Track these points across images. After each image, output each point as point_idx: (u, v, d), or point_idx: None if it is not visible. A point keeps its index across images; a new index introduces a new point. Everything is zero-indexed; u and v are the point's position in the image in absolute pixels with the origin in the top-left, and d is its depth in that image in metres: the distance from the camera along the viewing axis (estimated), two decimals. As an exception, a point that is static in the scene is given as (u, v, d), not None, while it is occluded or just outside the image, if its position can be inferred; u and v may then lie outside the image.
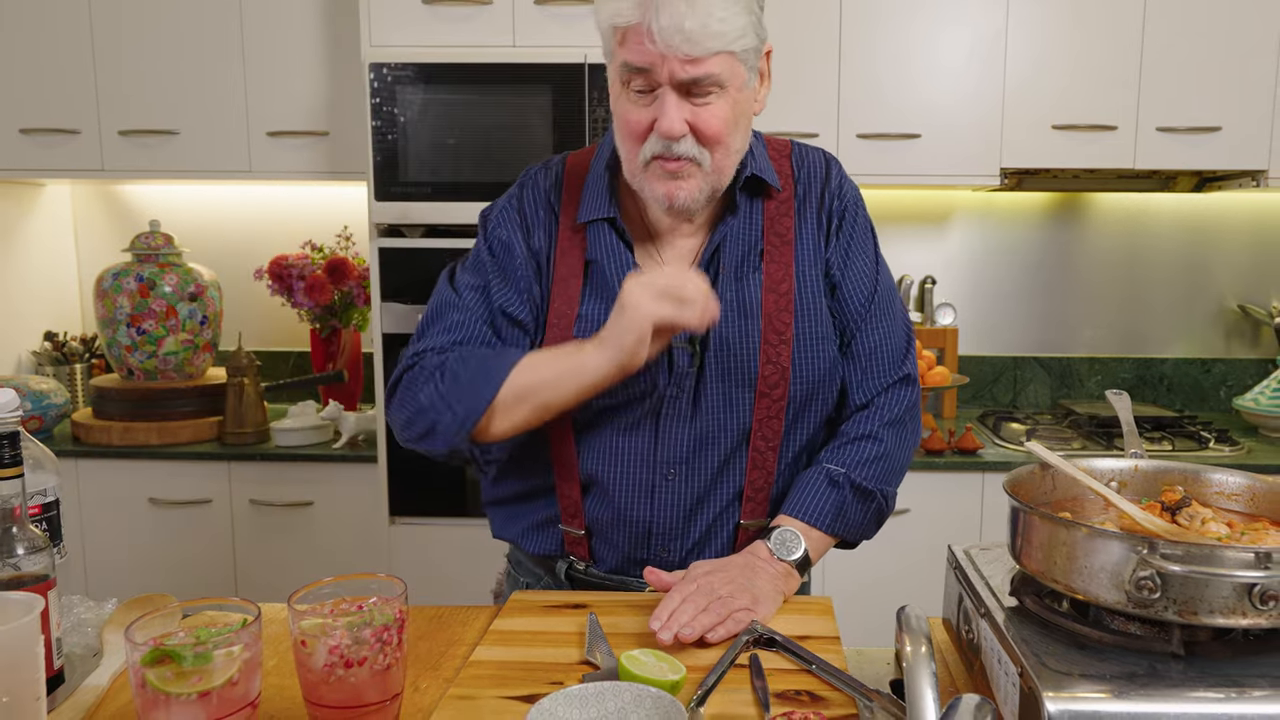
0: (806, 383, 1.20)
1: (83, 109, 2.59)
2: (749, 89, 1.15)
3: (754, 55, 1.14)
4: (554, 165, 1.29)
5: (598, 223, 1.22)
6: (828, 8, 2.48)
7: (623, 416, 1.21)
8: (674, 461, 1.21)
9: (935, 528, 2.36)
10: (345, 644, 0.81)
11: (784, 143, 1.30)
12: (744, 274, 1.21)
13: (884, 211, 2.91)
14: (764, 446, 1.21)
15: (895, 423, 1.25)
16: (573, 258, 1.23)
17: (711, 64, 1.08)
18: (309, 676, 0.83)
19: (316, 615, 0.85)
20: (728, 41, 1.07)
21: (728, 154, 1.15)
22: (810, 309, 1.22)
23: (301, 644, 0.82)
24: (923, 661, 0.73)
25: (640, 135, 1.13)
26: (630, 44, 1.09)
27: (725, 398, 1.19)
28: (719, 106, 1.11)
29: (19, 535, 0.90)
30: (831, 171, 1.28)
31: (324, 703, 0.83)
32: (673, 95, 1.09)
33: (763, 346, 1.19)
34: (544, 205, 1.26)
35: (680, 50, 1.06)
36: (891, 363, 1.26)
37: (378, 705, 0.84)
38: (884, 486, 1.24)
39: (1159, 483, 1.04)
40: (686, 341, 1.19)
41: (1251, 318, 2.89)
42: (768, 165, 1.24)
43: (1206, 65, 2.46)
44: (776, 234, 1.23)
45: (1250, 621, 0.79)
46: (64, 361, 2.85)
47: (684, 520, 1.22)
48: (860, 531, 1.24)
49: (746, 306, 1.20)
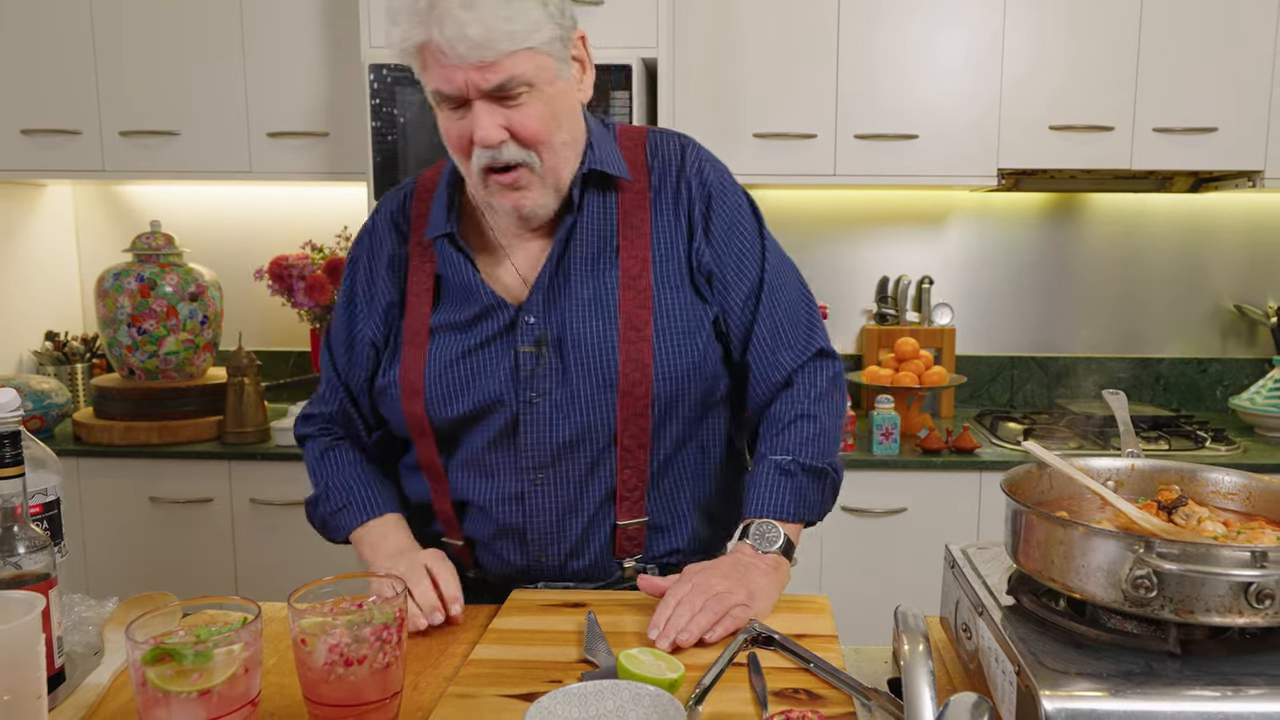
0: (669, 379, 1.18)
1: (84, 110, 2.60)
2: (563, 80, 1.12)
3: (559, 44, 1.10)
4: (405, 186, 1.30)
5: (440, 239, 1.21)
6: (825, 9, 2.49)
7: (483, 426, 1.20)
8: (540, 467, 1.19)
9: (932, 527, 2.37)
10: (345, 642, 0.82)
11: (639, 130, 1.26)
12: (600, 270, 1.19)
13: (881, 212, 2.92)
14: (633, 445, 1.19)
15: (823, 397, 1.24)
16: (423, 274, 1.23)
17: (509, 65, 1.05)
18: (309, 675, 0.83)
19: (316, 614, 0.85)
20: (520, 39, 1.04)
21: (554, 151, 1.12)
22: (670, 303, 1.19)
23: (301, 642, 0.83)
24: (920, 660, 0.73)
25: (465, 150, 1.11)
26: (430, 66, 1.07)
27: (587, 399, 1.17)
28: (532, 106, 1.08)
29: (20, 534, 0.91)
30: (687, 158, 1.23)
31: (324, 701, 0.83)
32: (483, 104, 1.07)
33: (621, 344, 1.16)
34: (390, 229, 1.27)
35: (472, 57, 1.03)
36: (796, 337, 1.25)
37: (377, 703, 0.84)
38: (830, 461, 1.23)
39: (1155, 482, 1.03)
40: (533, 344, 1.18)
41: (1248, 318, 2.90)
42: (613, 155, 1.21)
43: (1202, 66, 2.47)
44: (631, 226, 1.20)
45: (1246, 620, 0.79)
46: (65, 361, 2.85)
47: (557, 525, 1.21)
48: (820, 510, 1.23)
49: (603, 304, 1.18)
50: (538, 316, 1.18)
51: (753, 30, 2.50)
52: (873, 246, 2.93)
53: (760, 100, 2.53)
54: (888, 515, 2.37)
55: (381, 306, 1.26)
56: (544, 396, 1.17)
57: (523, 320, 1.18)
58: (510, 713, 0.89)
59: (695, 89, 2.54)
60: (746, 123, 2.53)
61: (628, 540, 1.23)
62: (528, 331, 1.18)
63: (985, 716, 0.70)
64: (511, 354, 1.18)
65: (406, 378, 1.21)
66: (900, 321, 2.85)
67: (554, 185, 1.15)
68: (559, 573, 1.24)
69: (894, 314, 2.87)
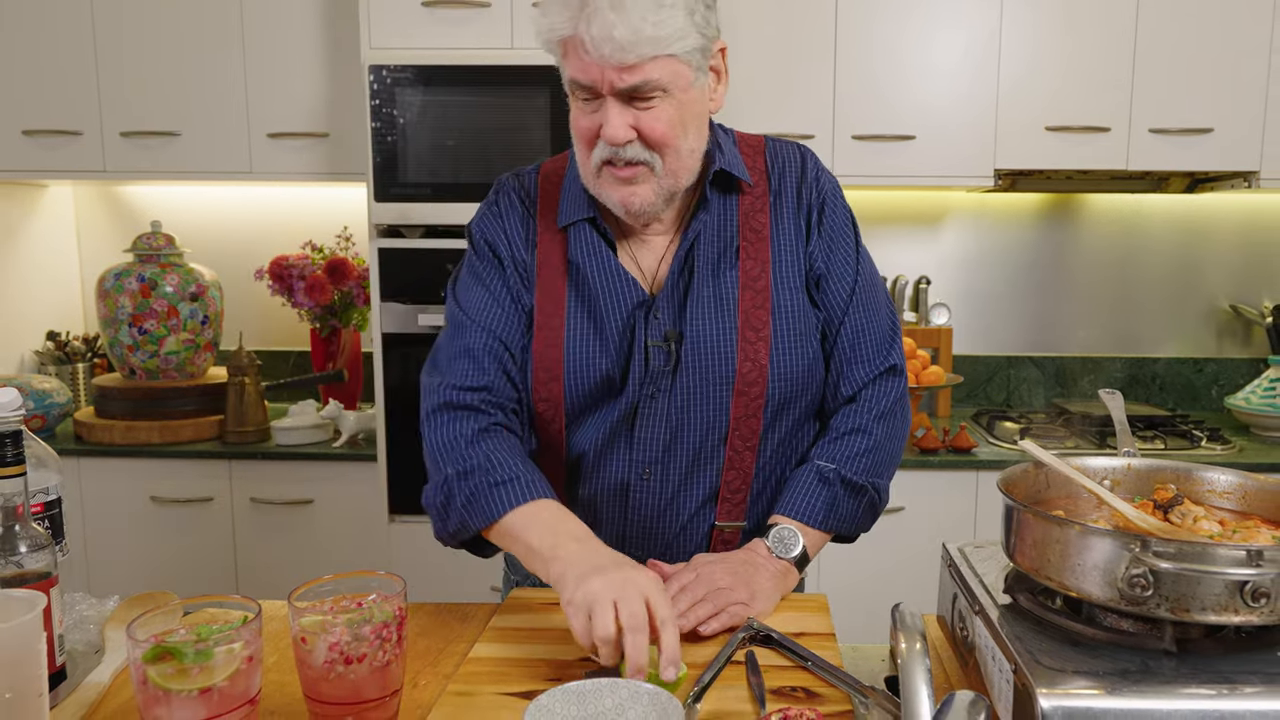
0: (784, 380, 1.19)
1: (85, 111, 2.60)
2: (697, 88, 1.13)
3: (699, 55, 1.11)
4: (527, 174, 1.30)
5: (578, 224, 1.22)
6: (823, 10, 2.50)
7: (601, 415, 1.21)
8: (649, 461, 1.20)
9: (930, 525, 2.38)
10: (345, 641, 0.82)
11: (758, 139, 1.29)
12: (720, 270, 1.20)
13: (879, 212, 2.93)
14: (741, 446, 1.20)
15: (885, 415, 1.24)
16: (555, 260, 1.23)
17: (648, 70, 1.07)
18: (309, 673, 0.84)
19: (316, 612, 0.85)
20: (663, 45, 1.06)
21: (678, 156, 1.14)
22: (788, 306, 1.21)
23: (301, 641, 0.83)
24: (917, 658, 0.73)
25: (590, 141, 1.13)
26: (570, 56, 1.09)
27: (703, 396, 1.19)
28: (663, 110, 1.10)
29: (22, 533, 0.91)
30: (807, 165, 1.26)
31: (324, 699, 0.84)
32: (615, 102, 1.09)
33: (740, 344, 1.18)
34: (520, 211, 1.27)
35: (614, 59, 1.05)
36: (876, 353, 1.26)
37: (377, 701, 0.85)
38: (875, 480, 1.23)
39: (1152, 481, 1.04)
40: (662, 340, 1.19)
41: (1243, 318, 2.91)
42: (738, 160, 1.23)
43: (1198, 67, 2.48)
44: (752, 229, 1.22)
45: (1242, 619, 0.79)
46: (66, 361, 2.86)
47: (658, 519, 1.22)
48: (855, 525, 1.24)
49: (723, 303, 1.19)
50: (665, 312, 1.20)
51: (750, 31, 2.51)
52: (870, 247, 2.89)
53: (758, 101, 2.53)
54: (885, 514, 2.35)
55: (521, 275, 1.24)
56: (662, 392, 1.19)
57: (652, 315, 1.20)
58: (510, 710, 0.89)
59: (693, 90, 2.55)
60: (744, 123, 2.50)
61: (723, 544, 1.23)
62: (657, 326, 1.19)
63: (982, 714, 0.70)
64: (641, 346, 1.19)
65: (541, 361, 1.21)
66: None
67: (669, 188, 1.16)
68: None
69: (891, 314, 2.88)
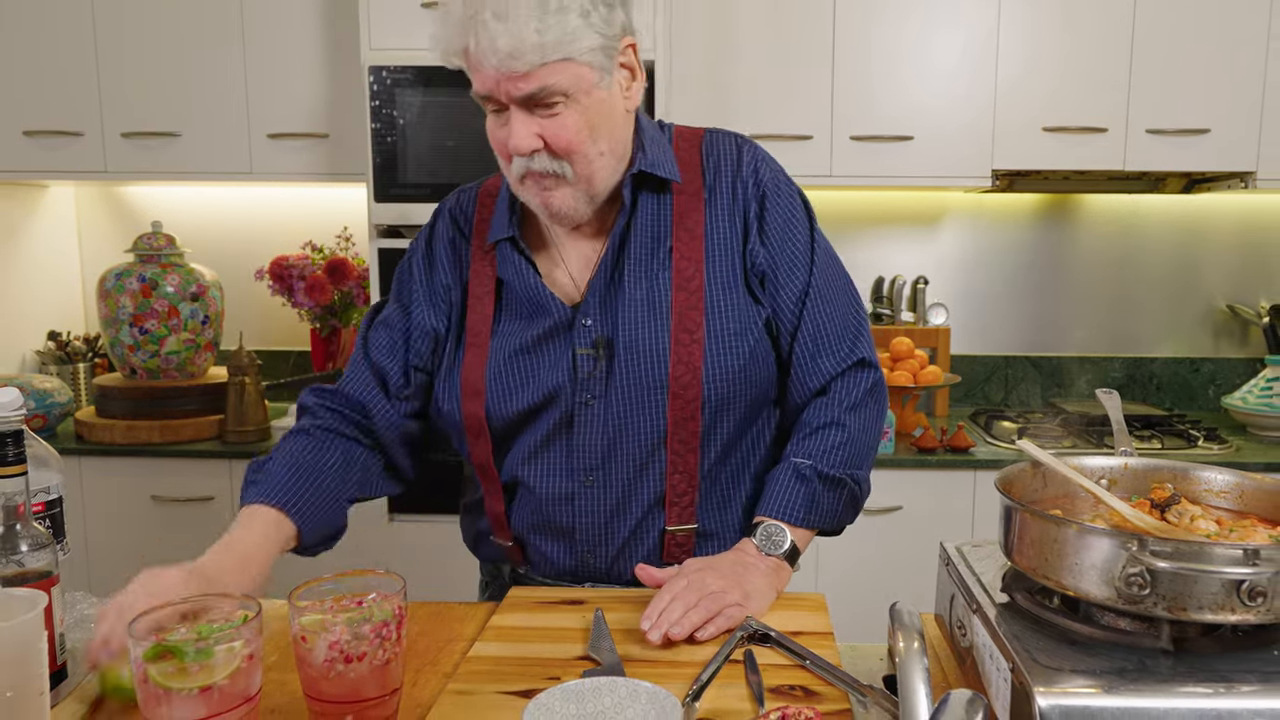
0: (720, 382, 1.17)
1: (86, 112, 2.61)
2: (603, 89, 1.10)
3: (602, 54, 1.08)
4: (469, 190, 1.31)
5: (502, 242, 1.22)
6: (821, 12, 2.51)
7: (536, 425, 1.20)
8: (590, 468, 1.19)
9: (927, 525, 2.39)
10: (345, 640, 0.82)
11: (695, 133, 1.25)
12: (653, 271, 1.19)
13: (877, 212, 2.94)
14: (682, 449, 1.18)
15: (856, 406, 1.23)
16: (484, 277, 1.23)
17: (542, 75, 1.04)
18: (309, 672, 0.84)
19: (316, 611, 0.86)
20: (553, 51, 1.04)
21: (588, 162, 1.12)
22: (722, 305, 1.18)
23: (302, 639, 0.83)
24: (915, 657, 0.73)
25: (506, 154, 1.12)
26: (471, 69, 1.08)
27: (638, 400, 1.17)
28: (568, 117, 1.08)
29: (23, 532, 0.91)
30: (744, 158, 1.22)
31: (324, 698, 0.84)
32: (519, 112, 1.07)
33: (673, 346, 1.16)
34: (455, 230, 1.28)
35: (504, 68, 1.03)
36: (840, 343, 1.23)
37: (377, 700, 0.85)
38: (852, 471, 1.21)
39: (1149, 480, 1.04)
40: (590, 346, 1.18)
41: (1240, 318, 2.92)
42: (665, 158, 1.20)
43: (1195, 68, 2.49)
44: (685, 228, 1.19)
45: (1239, 617, 0.79)
46: (67, 361, 2.87)
47: (605, 526, 1.21)
48: (837, 519, 1.22)
49: (656, 305, 1.17)
50: (595, 318, 1.19)
51: (749, 33, 2.52)
52: (868, 247, 2.95)
53: (756, 102, 2.54)
54: (883, 513, 2.39)
55: (441, 297, 1.26)
56: (597, 398, 1.18)
57: (580, 322, 1.19)
58: (509, 710, 0.89)
59: (692, 91, 2.56)
60: (743, 124, 2.54)
61: (676, 546, 1.22)
62: (585, 333, 1.18)
63: (980, 713, 0.69)
64: (569, 355, 1.18)
65: (468, 378, 1.21)
66: (895, 321, 2.87)
67: (586, 193, 1.14)
68: (606, 575, 1.23)
69: (889, 314, 2.89)
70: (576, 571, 1.25)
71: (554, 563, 1.25)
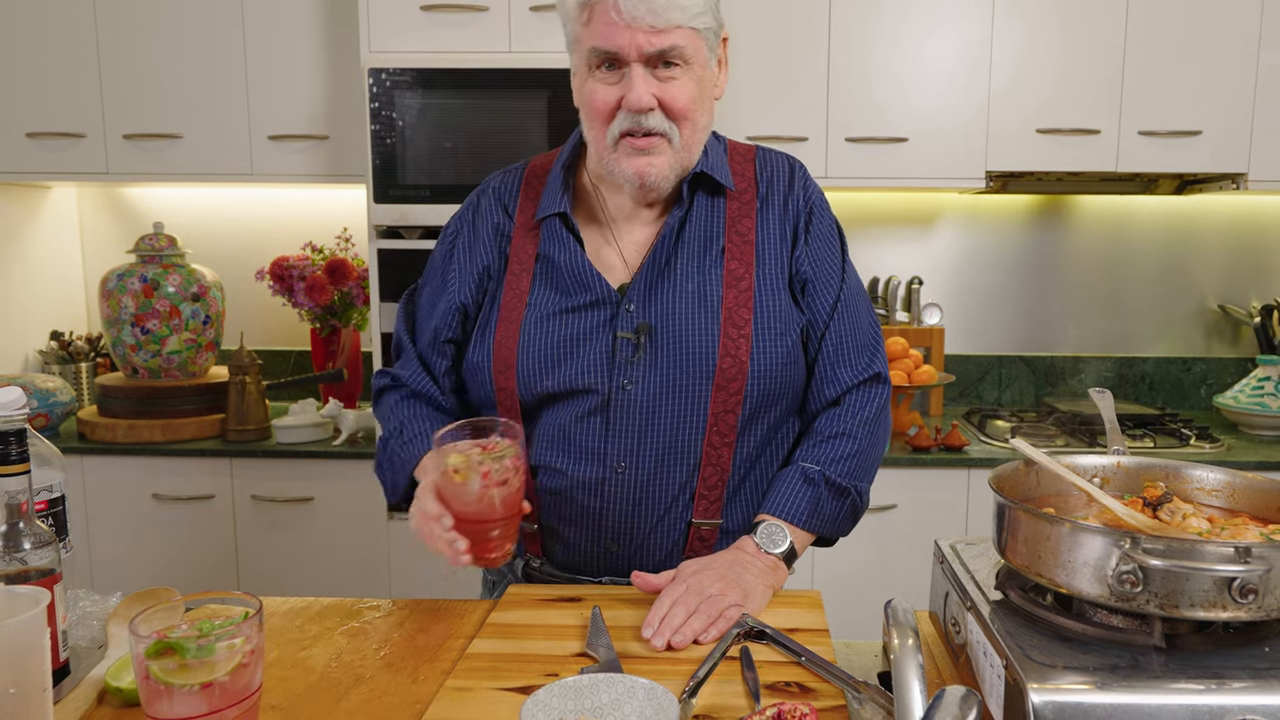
0: (763, 377, 1.20)
1: (88, 113, 2.63)
2: (710, 68, 1.19)
3: (713, 36, 1.18)
4: (515, 170, 1.34)
5: (550, 218, 1.25)
6: (817, 13, 2.53)
7: (573, 408, 1.21)
8: (623, 454, 1.20)
9: (922, 523, 2.40)
10: (494, 470, 1.04)
11: (748, 148, 1.32)
12: (704, 267, 1.22)
13: (871, 213, 2.96)
14: (719, 442, 1.21)
15: (869, 421, 1.27)
16: (525, 253, 1.26)
17: (676, 35, 1.11)
18: (464, 500, 1.05)
19: (459, 452, 1.06)
20: (689, 16, 1.11)
21: (695, 130, 1.18)
22: (769, 307, 1.22)
23: (454, 472, 1.04)
24: (909, 654, 0.74)
25: (607, 114, 1.16)
26: (596, 22, 1.12)
27: (681, 389, 1.19)
28: (685, 82, 1.15)
29: (26, 530, 0.91)
30: (796, 175, 1.30)
31: (472, 519, 1.06)
32: (640, 70, 1.13)
33: (722, 339, 1.19)
34: (498, 207, 1.30)
35: (645, 21, 1.09)
36: (859, 358, 1.28)
37: (512, 517, 1.09)
38: (857, 483, 1.25)
39: (1141, 479, 1.04)
40: (632, 331, 1.20)
41: (1231, 317, 2.94)
42: (722, 166, 1.26)
43: (1187, 70, 2.51)
44: (738, 233, 1.24)
45: (1230, 615, 0.80)
46: (70, 360, 2.89)
47: (632, 513, 1.22)
48: (836, 527, 1.25)
49: (707, 299, 1.21)
50: (638, 304, 1.21)
51: (744, 34, 2.53)
52: (863, 247, 2.97)
53: (752, 103, 2.56)
54: (878, 511, 2.41)
55: (477, 271, 1.28)
56: (636, 384, 1.19)
57: (624, 307, 1.21)
58: (507, 706, 0.89)
59: (689, 93, 2.57)
60: (738, 125, 2.56)
61: (699, 541, 1.23)
62: (628, 319, 1.20)
63: (974, 709, 0.70)
64: (609, 339, 1.20)
65: (499, 351, 1.23)
66: (890, 321, 2.89)
67: (683, 162, 1.20)
68: (627, 566, 1.24)
69: (884, 314, 2.90)
70: (598, 561, 1.25)
71: (576, 550, 1.26)
